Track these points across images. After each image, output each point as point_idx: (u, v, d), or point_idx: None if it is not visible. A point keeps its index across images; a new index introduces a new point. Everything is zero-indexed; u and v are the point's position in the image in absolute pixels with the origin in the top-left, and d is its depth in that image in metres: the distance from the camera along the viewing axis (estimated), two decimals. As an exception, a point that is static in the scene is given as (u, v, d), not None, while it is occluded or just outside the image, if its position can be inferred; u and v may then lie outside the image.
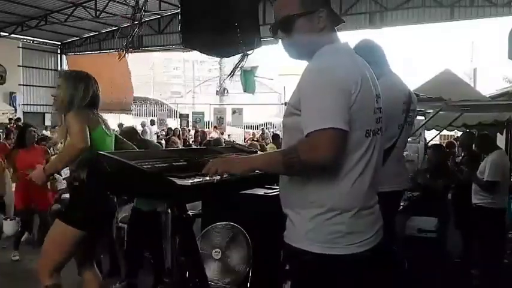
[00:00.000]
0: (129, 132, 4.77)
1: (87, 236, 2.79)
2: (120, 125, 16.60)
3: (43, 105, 19.70)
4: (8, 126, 12.82)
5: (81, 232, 2.71)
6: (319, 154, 1.42)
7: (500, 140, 8.00)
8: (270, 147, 9.59)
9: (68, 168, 2.99)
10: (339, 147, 1.45)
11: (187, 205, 2.07)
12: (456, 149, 8.55)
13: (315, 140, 1.43)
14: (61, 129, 2.83)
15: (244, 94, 17.13)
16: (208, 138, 8.97)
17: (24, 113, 18.05)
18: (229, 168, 1.65)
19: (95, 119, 2.79)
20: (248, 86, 15.62)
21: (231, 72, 7.44)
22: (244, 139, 14.50)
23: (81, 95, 2.74)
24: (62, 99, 2.76)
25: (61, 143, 2.80)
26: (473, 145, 5.13)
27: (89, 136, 2.61)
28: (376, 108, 1.62)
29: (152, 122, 16.48)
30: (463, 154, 6.01)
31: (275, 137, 10.58)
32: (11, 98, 17.84)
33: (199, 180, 1.79)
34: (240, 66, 6.77)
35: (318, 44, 1.62)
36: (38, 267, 2.81)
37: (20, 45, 18.60)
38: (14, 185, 5.38)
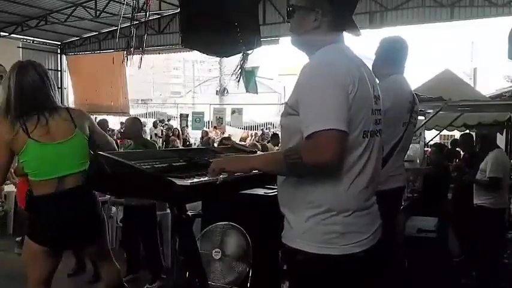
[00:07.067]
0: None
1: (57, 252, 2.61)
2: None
3: (43, 105, 19.71)
4: None
5: (42, 248, 2.51)
6: (323, 156, 1.40)
7: (500, 140, 8.00)
8: (270, 147, 9.55)
9: None
10: (342, 148, 1.43)
11: (187, 205, 2.07)
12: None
13: (318, 142, 1.40)
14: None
15: (244, 94, 17.09)
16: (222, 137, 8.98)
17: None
18: (229, 166, 1.64)
19: None
20: (250, 86, 15.58)
21: (237, 74, 7.41)
22: (244, 139, 14.44)
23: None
24: None
25: None
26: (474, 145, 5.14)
27: None
28: (374, 109, 1.61)
29: (155, 124, 16.33)
30: (463, 155, 6.00)
31: (274, 136, 10.52)
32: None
33: (199, 180, 1.79)
34: (242, 66, 6.77)
35: (317, 41, 1.62)
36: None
37: (20, 45, 18.50)
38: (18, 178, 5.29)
